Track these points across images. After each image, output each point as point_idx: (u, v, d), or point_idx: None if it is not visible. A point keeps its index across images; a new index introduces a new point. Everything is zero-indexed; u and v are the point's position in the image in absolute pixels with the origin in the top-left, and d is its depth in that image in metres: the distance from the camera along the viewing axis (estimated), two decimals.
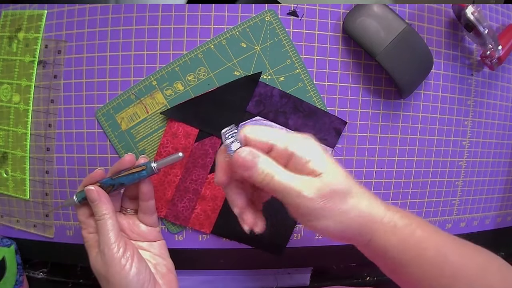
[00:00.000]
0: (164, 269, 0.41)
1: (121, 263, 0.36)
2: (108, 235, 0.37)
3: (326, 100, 0.48)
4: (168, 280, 0.40)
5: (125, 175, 0.38)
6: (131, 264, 0.37)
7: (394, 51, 0.45)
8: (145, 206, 0.41)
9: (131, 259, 0.37)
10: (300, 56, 0.47)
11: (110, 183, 0.39)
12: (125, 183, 0.39)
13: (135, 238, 0.41)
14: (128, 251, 0.37)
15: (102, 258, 0.37)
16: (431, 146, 0.52)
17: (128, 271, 0.36)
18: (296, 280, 0.54)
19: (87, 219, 0.40)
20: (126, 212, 0.42)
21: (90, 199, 0.38)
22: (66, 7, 0.46)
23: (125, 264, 0.36)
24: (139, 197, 0.41)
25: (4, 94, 0.49)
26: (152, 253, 0.42)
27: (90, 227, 0.39)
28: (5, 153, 0.50)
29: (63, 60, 0.47)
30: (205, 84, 0.47)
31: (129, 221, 0.42)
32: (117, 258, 0.36)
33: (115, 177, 0.39)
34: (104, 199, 0.38)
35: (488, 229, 0.57)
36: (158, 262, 0.41)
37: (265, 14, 0.46)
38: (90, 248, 0.39)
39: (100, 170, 0.39)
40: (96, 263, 0.38)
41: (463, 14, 0.45)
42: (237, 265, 0.51)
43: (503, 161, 0.56)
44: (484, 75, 0.53)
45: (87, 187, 0.38)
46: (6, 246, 0.49)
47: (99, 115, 0.47)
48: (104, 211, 0.38)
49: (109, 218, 0.37)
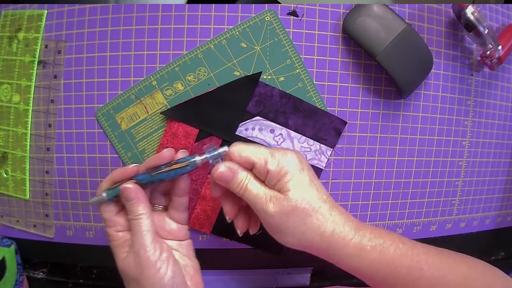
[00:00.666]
0: (192, 270, 0.39)
1: (157, 266, 0.34)
2: (145, 236, 0.34)
3: (326, 100, 0.48)
4: (196, 282, 0.38)
5: (165, 171, 0.35)
6: (166, 267, 0.34)
7: (394, 51, 0.45)
8: (178, 202, 0.38)
9: (167, 262, 0.35)
10: (300, 56, 0.47)
11: (149, 180, 0.35)
12: (165, 179, 0.36)
13: (165, 236, 0.39)
14: (164, 253, 0.35)
15: (136, 260, 0.34)
16: (431, 146, 0.52)
17: (164, 274, 0.34)
18: (296, 280, 0.54)
19: (115, 216, 0.36)
20: (154, 209, 0.39)
21: (126, 198, 0.35)
22: (66, 7, 0.46)
23: (160, 267, 0.34)
24: (174, 192, 0.38)
25: (4, 94, 0.49)
26: (181, 254, 0.39)
27: (118, 225, 0.36)
28: (5, 153, 0.50)
29: (63, 60, 0.47)
30: (205, 84, 0.47)
31: (158, 218, 0.38)
32: (153, 261, 0.34)
33: (154, 174, 0.35)
34: (142, 198, 0.35)
35: (488, 229, 0.57)
36: (187, 264, 0.39)
37: (265, 14, 0.46)
38: (118, 248, 0.36)
39: (136, 166, 0.36)
40: (126, 265, 0.35)
41: (463, 14, 0.45)
42: (237, 265, 0.51)
43: (503, 161, 0.56)
44: (484, 75, 0.53)
45: (124, 185, 0.35)
46: (6, 246, 0.49)
47: (99, 115, 0.48)
48: (141, 211, 0.35)
49: (146, 218, 0.35)
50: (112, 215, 0.36)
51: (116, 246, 0.36)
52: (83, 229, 0.50)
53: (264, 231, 0.50)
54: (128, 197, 0.35)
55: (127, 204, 0.35)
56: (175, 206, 0.38)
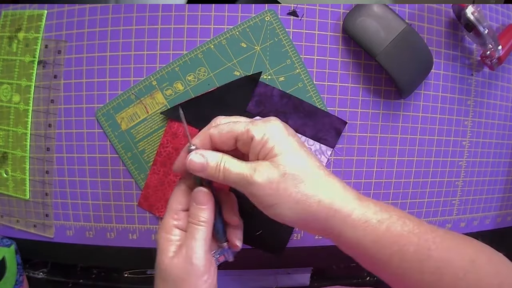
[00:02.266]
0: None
1: (203, 279, 0.32)
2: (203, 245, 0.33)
3: (326, 100, 0.48)
4: None
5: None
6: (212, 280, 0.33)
7: (394, 51, 0.45)
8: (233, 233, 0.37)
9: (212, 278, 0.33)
10: (300, 56, 0.47)
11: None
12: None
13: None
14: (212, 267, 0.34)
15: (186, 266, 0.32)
16: (431, 146, 0.52)
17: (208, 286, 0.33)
18: (296, 280, 0.54)
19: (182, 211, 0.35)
20: None
21: (196, 201, 0.33)
22: (66, 7, 0.46)
23: (206, 280, 0.33)
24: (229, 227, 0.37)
25: (4, 94, 0.49)
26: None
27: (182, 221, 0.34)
28: (5, 153, 0.50)
29: (63, 60, 0.47)
30: (205, 84, 0.47)
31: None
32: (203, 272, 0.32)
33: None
34: (211, 207, 0.34)
35: (488, 229, 0.57)
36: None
37: (265, 14, 0.46)
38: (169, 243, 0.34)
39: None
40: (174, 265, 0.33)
41: (463, 14, 0.45)
42: (237, 265, 0.51)
43: (503, 161, 0.56)
44: (484, 75, 0.53)
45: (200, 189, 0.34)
46: (6, 246, 0.49)
47: (99, 115, 0.47)
48: (204, 219, 0.33)
49: (208, 227, 0.33)
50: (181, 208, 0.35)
51: (169, 240, 0.34)
52: (83, 229, 0.50)
53: (264, 231, 0.50)
54: (198, 201, 0.33)
55: (194, 207, 0.33)
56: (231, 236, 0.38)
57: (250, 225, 0.49)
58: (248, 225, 0.49)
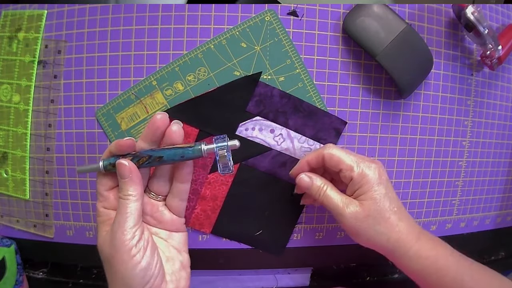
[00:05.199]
0: (177, 265, 0.37)
1: (131, 253, 0.32)
2: (127, 218, 0.33)
3: (326, 100, 0.48)
4: (178, 278, 0.37)
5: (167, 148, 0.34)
6: (141, 256, 0.33)
7: (394, 51, 0.45)
8: (178, 189, 0.37)
9: (143, 251, 0.33)
10: (300, 56, 0.47)
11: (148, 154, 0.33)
12: (164, 157, 0.33)
13: (154, 224, 0.38)
14: (142, 241, 0.33)
15: (112, 241, 0.33)
16: (431, 146, 0.52)
17: (137, 263, 0.32)
18: (296, 280, 0.54)
19: (106, 191, 0.36)
20: (151, 197, 0.38)
21: (120, 175, 0.34)
22: (66, 7, 0.46)
23: (135, 254, 0.33)
24: (175, 177, 0.37)
25: (4, 94, 0.49)
26: (169, 244, 0.38)
27: (107, 201, 0.35)
28: (5, 153, 0.50)
29: (63, 60, 0.47)
30: (205, 84, 0.47)
31: (152, 205, 0.37)
32: (128, 246, 0.32)
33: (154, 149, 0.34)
34: (136, 179, 0.34)
35: (488, 229, 0.57)
36: (172, 256, 0.37)
37: (265, 14, 0.46)
38: (101, 225, 0.35)
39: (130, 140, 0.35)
40: (104, 243, 0.34)
41: (463, 14, 0.45)
42: (237, 265, 0.51)
43: (503, 161, 0.56)
44: (484, 75, 0.53)
45: (119, 161, 0.34)
46: (6, 246, 0.49)
47: (99, 115, 0.48)
48: (131, 192, 0.34)
49: (135, 200, 0.34)
50: (104, 190, 0.36)
51: (100, 222, 0.35)
52: (83, 229, 0.50)
53: (264, 231, 0.50)
54: (122, 174, 0.34)
55: (120, 182, 0.34)
56: (175, 193, 0.37)
57: (250, 225, 0.49)
58: (248, 225, 0.49)
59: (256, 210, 0.49)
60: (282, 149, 0.48)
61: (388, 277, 0.55)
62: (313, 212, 0.50)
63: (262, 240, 0.50)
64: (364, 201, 0.39)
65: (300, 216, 0.50)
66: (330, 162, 0.41)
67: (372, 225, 0.39)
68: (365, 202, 0.39)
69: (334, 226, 0.51)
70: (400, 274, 0.54)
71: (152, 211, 0.37)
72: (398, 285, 0.54)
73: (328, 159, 0.41)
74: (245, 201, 0.49)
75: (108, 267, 0.33)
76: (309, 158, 0.42)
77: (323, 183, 0.41)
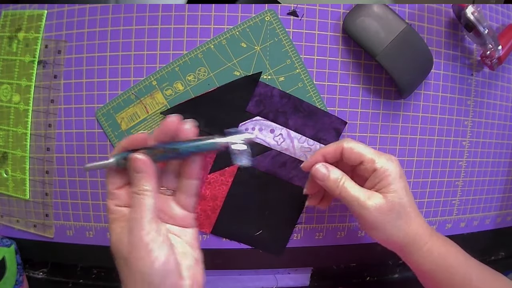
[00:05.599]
0: (191, 260, 0.36)
1: (149, 248, 0.31)
2: (144, 214, 0.32)
3: (326, 100, 0.48)
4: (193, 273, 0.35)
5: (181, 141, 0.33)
6: (159, 252, 0.32)
7: (394, 51, 0.45)
8: (187, 185, 0.36)
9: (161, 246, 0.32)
10: (300, 56, 0.47)
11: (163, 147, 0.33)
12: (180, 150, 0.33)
13: (166, 220, 0.36)
14: (160, 236, 0.32)
15: (129, 237, 0.32)
16: (431, 146, 0.52)
17: (155, 259, 0.31)
18: (296, 280, 0.54)
19: (118, 189, 0.35)
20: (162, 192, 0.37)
21: (134, 169, 0.33)
22: (66, 7, 0.46)
23: (153, 250, 0.31)
24: (185, 173, 0.36)
25: (4, 94, 0.49)
26: (183, 241, 0.36)
27: (119, 199, 0.34)
28: (5, 153, 0.50)
29: (63, 60, 0.47)
30: (205, 84, 0.47)
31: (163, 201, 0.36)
32: (146, 242, 0.31)
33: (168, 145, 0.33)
34: (151, 173, 0.33)
35: (488, 229, 0.57)
36: (187, 252, 0.36)
37: (265, 14, 0.46)
38: (115, 222, 0.34)
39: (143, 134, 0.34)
40: (119, 241, 0.32)
41: (463, 14, 0.45)
42: (237, 265, 0.51)
43: (503, 161, 0.56)
44: (484, 75, 0.53)
45: (134, 155, 0.33)
46: (6, 246, 0.49)
47: (99, 115, 0.48)
48: (147, 187, 0.33)
49: (150, 195, 0.33)
50: (115, 188, 0.35)
51: (113, 220, 0.34)
52: (83, 229, 0.50)
53: (264, 231, 0.50)
54: (136, 169, 0.33)
55: (134, 176, 0.33)
56: (184, 189, 0.36)
57: (250, 225, 0.49)
58: (248, 225, 0.49)
59: (256, 210, 0.49)
60: (282, 149, 0.48)
61: (388, 277, 0.55)
62: (313, 212, 0.50)
63: (262, 240, 0.50)
64: (387, 193, 0.38)
65: (300, 216, 0.50)
66: (350, 156, 0.40)
67: (394, 219, 0.38)
68: (388, 195, 0.38)
69: (334, 226, 0.51)
70: (400, 274, 0.54)
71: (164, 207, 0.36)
72: (398, 285, 0.54)
73: (348, 152, 0.40)
74: (245, 201, 0.49)
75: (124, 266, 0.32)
76: (326, 151, 0.41)
77: (341, 174, 0.40)
